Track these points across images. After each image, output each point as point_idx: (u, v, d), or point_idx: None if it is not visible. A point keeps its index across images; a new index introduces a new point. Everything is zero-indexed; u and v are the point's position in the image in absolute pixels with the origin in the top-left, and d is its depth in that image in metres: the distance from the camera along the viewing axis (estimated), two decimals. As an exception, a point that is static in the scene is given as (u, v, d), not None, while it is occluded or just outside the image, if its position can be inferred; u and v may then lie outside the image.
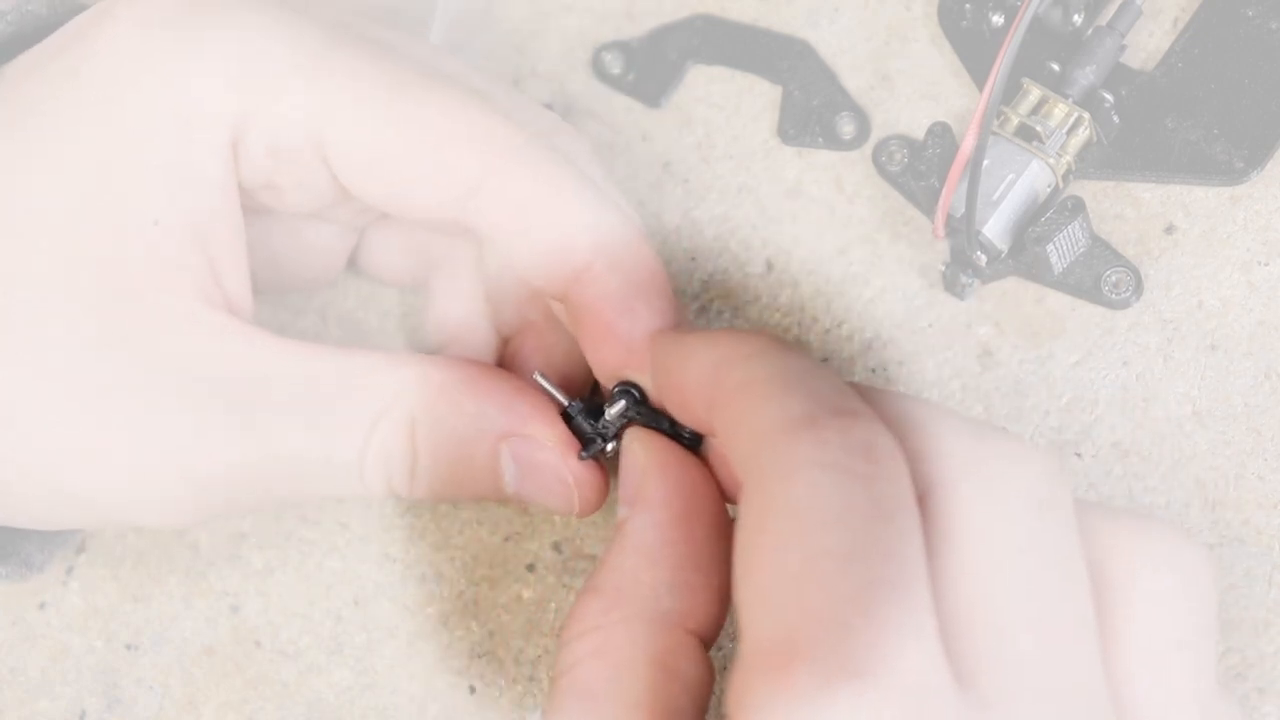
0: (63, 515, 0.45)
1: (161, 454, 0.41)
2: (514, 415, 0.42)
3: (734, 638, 0.45)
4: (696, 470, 0.40)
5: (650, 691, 0.36)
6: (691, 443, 0.40)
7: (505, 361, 0.46)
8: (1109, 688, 0.34)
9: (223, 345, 0.41)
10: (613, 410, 0.41)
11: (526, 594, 0.47)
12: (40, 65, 0.42)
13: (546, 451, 0.42)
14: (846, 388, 0.35)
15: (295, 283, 0.48)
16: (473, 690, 0.47)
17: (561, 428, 0.42)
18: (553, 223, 0.41)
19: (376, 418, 0.42)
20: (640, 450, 0.40)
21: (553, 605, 0.47)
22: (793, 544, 0.32)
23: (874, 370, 0.47)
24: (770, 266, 0.48)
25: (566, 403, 0.42)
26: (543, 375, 0.43)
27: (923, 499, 0.33)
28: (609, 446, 0.42)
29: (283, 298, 0.50)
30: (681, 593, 0.38)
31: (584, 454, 0.42)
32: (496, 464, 0.42)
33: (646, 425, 0.41)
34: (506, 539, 0.48)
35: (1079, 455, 0.45)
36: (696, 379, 0.37)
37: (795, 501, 0.32)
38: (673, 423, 0.40)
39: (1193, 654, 0.35)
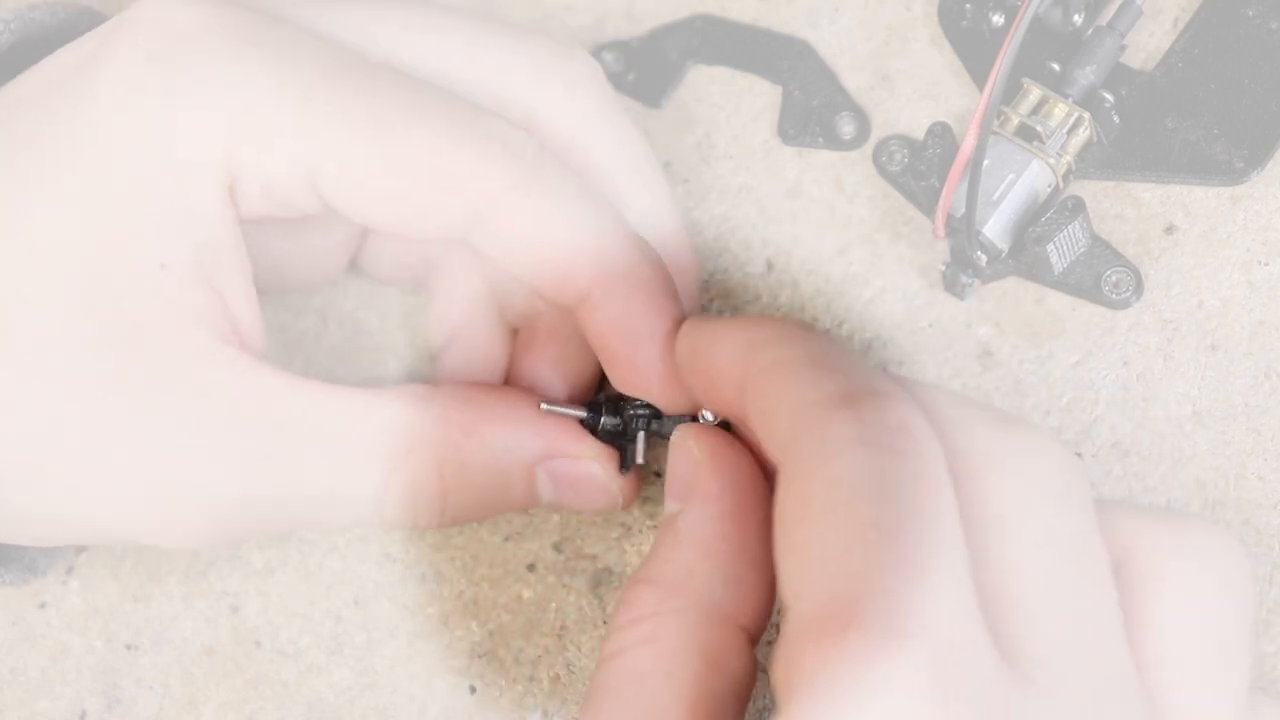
0: (73, 537, 0.46)
1: (176, 485, 0.42)
2: (546, 439, 0.43)
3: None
4: (749, 464, 0.40)
5: (698, 683, 0.37)
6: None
7: (518, 352, 0.46)
8: (1141, 678, 0.34)
9: (235, 379, 0.41)
10: (639, 435, 0.43)
11: (527, 594, 0.48)
12: (40, 98, 0.42)
13: (587, 464, 0.43)
14: (876, 369, 0.36)
15: (297, 284, 0.48)
16: (473, 690, 0.47)
17: (591, 438, 0.43)
18: (551, 248, 0.42)
19: (397, 460, 0.42)
20: (694, 445, 0.40)
21: (553, 605, 0.47)
22: (837, 518, 0.32)
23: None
24: (770, 266, 0.48)
25: (584, 415, 0.44)
26: (549, 403, 0.44)
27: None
28: (640, 450, 0.43)
29: (283, 298, 0.50)
30: (735, 587, 0.38)
31: (624, 469, 0.44)
32: (532, 485, 0.43)
33: (664, 436, 0.42)
34: (506, 539, 0.48)
35: (1079, 455, 0.45)
36: (726, 362, 0.38)
37: (837, 477, 0.33)
38: (694, 421, 0.42)
39: (1225, 649, 0.35)
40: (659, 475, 0.47)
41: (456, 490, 0.43)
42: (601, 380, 0.46)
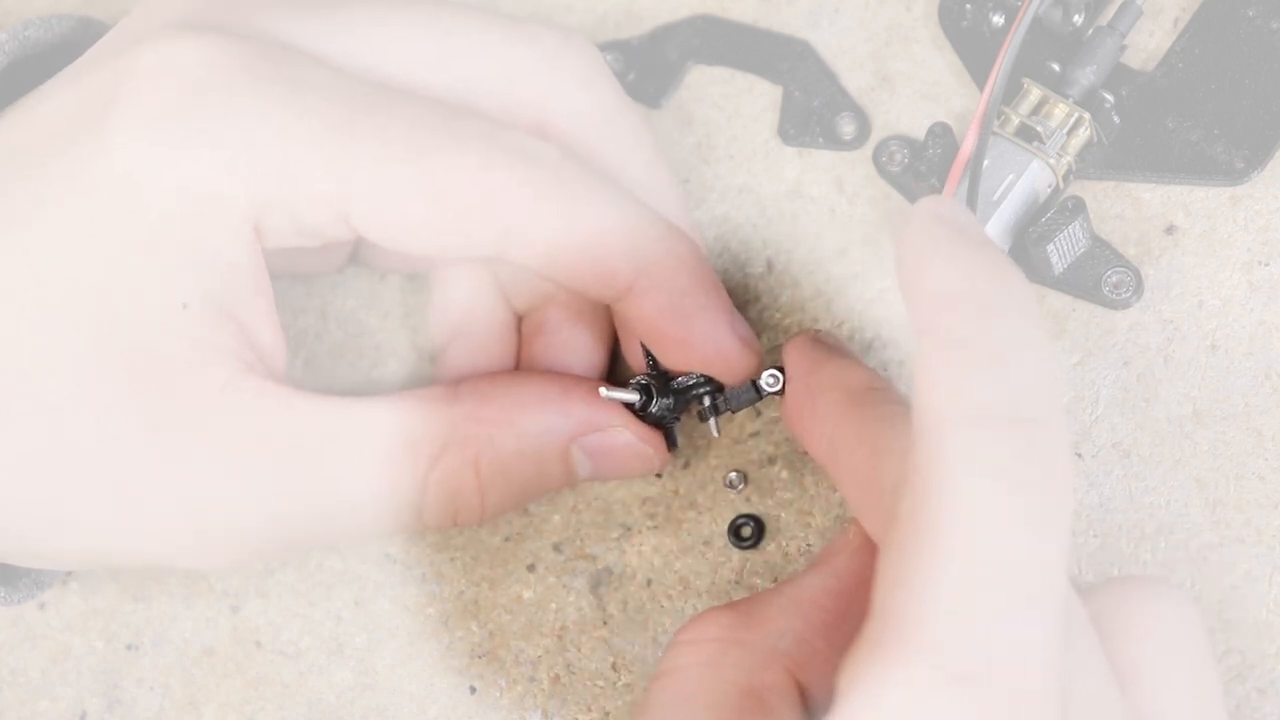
0: (104, 564, 0.47)
1: (203, 510, 0.42)
2: (575, 417, 0.44)
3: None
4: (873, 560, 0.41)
5: (738, 716, 0.37)
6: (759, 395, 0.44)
7: (526, 338, 0.47)
8: None
9: (258, 407, 0.42)
10: (703, 405, 0.44)
11: (526, 594, 0.48)
12: (54, 140, 0.42)
13: (620, 433, 0.44)
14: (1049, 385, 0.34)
15: (300, 270, 0.49)
16: (473, 690, 0.47)
17: (619, 407, 0.44)
18: (587, 250, 0.42)
19: (431, 462, 0.43)
20: (853, 530, 0.41)
21: (553, 605, 0.47)
22: (962, 553, 0.32)
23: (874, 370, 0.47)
24: (770, 267, 0.49)
25: (638, 399, 0.44)
26: (608, 389, 0.44)
27: None
28: (714, 427, 0.45)
29: (283, 297, 0.50)
30: (802, 648, 0.39)
31: (672, 447, 0.45)
32: (569, 464, 0.44)
33: (733, 409, 0.44)
34: (506, 539, 0.48)
35: (1080, 455, 0.45)
36: (825, 402, 0.40)
37: (971, 513, 0.32)
38: (757, 392, 0.43)
39: (1203, 698, 0.36)
40: (687, 466, 0.47)
41: (494, 483, 0.43)
42: (613, 361, 0.47)
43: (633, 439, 0.44)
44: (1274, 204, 0.46)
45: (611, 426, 0.44)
